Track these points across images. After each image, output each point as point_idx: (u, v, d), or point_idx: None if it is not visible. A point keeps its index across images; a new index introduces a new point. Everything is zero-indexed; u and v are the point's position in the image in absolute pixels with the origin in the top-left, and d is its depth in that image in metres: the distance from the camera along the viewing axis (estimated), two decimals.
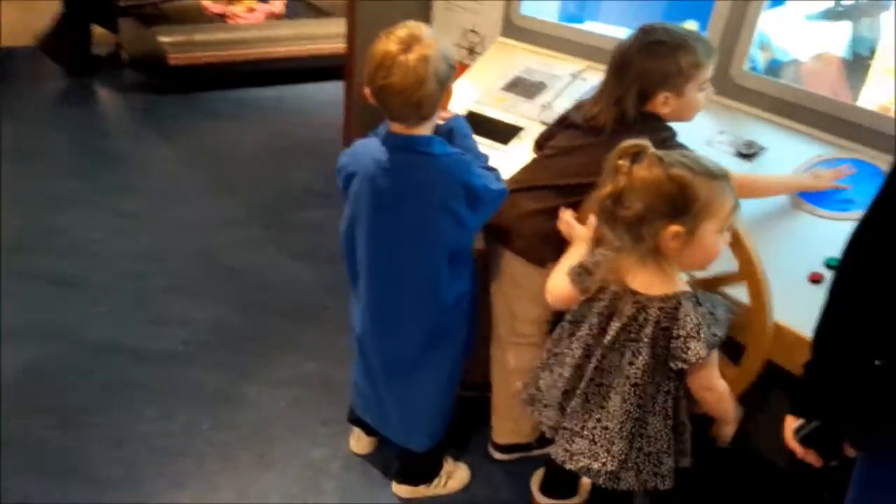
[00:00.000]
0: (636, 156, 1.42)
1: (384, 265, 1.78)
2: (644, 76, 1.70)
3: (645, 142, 1.44)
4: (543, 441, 1.96)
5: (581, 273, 1.59)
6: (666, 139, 1.72)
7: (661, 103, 1.73)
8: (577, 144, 1.82)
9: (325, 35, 5.15)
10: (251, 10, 5.43)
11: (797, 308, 1.51)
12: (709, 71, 1.75)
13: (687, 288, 1.49)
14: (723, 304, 1.55)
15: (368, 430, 2.15)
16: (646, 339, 1.48)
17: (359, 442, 2.19)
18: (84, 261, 3.02)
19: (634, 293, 1.49)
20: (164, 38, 4.76)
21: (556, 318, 1.79)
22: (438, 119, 1.75)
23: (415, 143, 1.68)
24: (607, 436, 1.56)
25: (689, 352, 1.43)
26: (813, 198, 1.81)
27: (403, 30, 1.62)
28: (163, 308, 2.78)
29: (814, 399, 1.02)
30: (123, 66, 5.03)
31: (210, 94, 4.96)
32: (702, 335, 1.43)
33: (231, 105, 4.88)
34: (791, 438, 1.05)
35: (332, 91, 4.87)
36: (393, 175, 1.69)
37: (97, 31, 5.13)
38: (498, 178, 1.79)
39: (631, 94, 1.71)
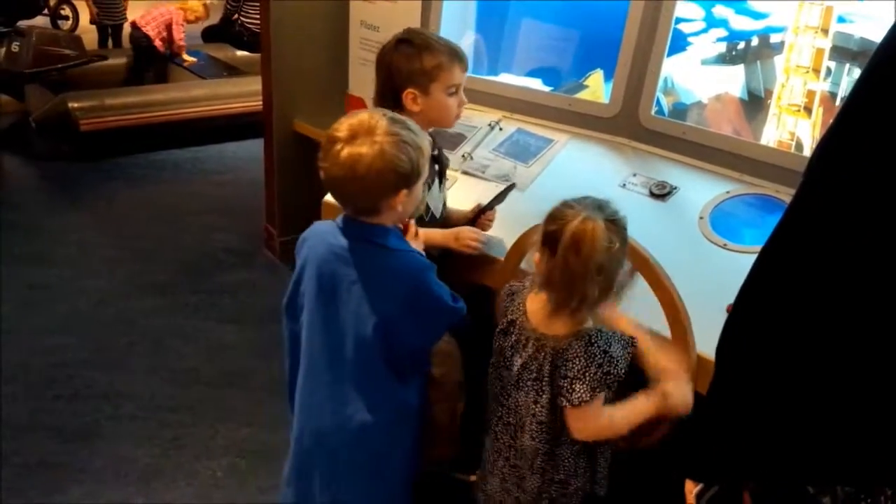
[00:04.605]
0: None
1: (322, 353, 1.59)
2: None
3: None
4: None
5: (507, 295, 1.64)
6: None
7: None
8: None
9: (240, 94, 5.14)
10: None
11: (717, 339, 1.56)
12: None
13: (586, 326, 1.50)
14: (619, 341, 1.53)
15: None
16: (546, 378, 1.51)
17: None
18: None
19: (536, 331, 1.53)
20: (74, 104, 4.67)
21: None
22: (400, 223, 1.62)
23: (370, 232, 1.55)
24: (517, 473, 1.59)
25: (573, 393, 1.46)
26: (725, 232, 1.89)
27: (363, 115, 1.49)
28: (82, 382, 2.67)
29: (710, 465, 1.00)
30: (31, 133, 4.89)
31: (125, 158, 4.86)
32: (587, 377, 1.46)
33: (147, 168, 4.79)
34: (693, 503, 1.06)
35: (251, 148, 4.85)
36: (343, 262, 1.55)
37: (2, 99, 5.00)
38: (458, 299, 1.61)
39: None
